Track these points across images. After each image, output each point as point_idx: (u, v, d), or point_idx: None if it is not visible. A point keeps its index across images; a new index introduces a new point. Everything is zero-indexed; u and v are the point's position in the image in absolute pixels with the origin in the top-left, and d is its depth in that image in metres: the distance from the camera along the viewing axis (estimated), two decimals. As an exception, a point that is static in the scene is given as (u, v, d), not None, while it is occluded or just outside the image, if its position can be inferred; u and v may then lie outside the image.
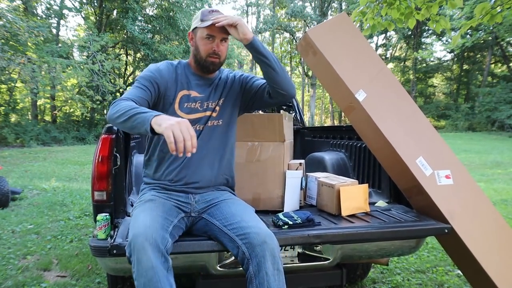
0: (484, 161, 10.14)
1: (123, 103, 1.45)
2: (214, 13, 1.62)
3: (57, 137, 16.29)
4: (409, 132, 1.94)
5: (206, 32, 1.61)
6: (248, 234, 1.44)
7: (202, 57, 1.65)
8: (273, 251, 1.41)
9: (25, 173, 7.87)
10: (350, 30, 2.06)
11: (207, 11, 1.63)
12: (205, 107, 1.71)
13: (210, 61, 1.65)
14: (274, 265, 1.39)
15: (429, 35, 27.50)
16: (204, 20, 1.60)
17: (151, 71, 1.66)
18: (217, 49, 1.63)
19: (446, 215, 1.79)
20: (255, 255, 1.40)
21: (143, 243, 1.29)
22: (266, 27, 27.18)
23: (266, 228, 1.48)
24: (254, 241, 1.41)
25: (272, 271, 1.38)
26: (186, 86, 1.70)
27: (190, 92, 1.69)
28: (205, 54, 1.64)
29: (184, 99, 1.68)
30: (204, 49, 1.64)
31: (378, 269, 2.81)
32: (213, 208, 1.65)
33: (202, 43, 1.63)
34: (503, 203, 5.06)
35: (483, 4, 3.27)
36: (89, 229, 3.79)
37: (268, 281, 1.37)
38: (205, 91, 1.73)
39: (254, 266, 1.39)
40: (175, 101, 1.66)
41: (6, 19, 10.67)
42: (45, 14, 17.12)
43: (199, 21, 1.62)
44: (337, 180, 2.01)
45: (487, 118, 21.44)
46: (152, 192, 1.67)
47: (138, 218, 1.43)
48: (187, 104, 1.68)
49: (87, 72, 14.01)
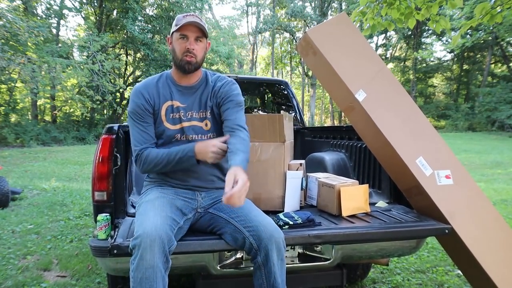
0: (484, 161, 10.13)
1: (150, 156, 1.63)
2: (188, 17, 1.65)
3: (57, 137, 16.29)
4: (409, 132, 1.94)
5: (180, 33, 1.65)
6: (256, 227, 1.52)
7: (178, 58, 1.67)
8: (279, 244, 1.53)
9: (25, 173, 7.87)
10: (350, 30, 2.06)
11: (182, 16, 1.68)
12: (189, 116, 1.72)
13: (185, 61, 1.66)
14: (279, 256, 1.53)
15: (429, 35, 27.49)
16: (178, 24, 1.64)
17: (135, 102, 1.68)
18: (190, 47, 1.65)
19: (446, 215, 1.80)
20: (263, 247, 1.50)
21: (152, 242, 1.34)
22: (266, 27, 27.15)
23: (273, 223, 1.58)
24: (263, 234, 1.50)
25: (277, 261, 1.52)
26: (169, 96, 1.72)
27: (173, 103, 1.71)
28: (180, 54, 1.66)
29: (169, 110, 1.71)
30: (179, 49, 1.67)
31: (378, 269, 2.81)
32: (220, 203, 1.69)
33: (177, 44, 1.67)
34: (503, 203, 5.06)
35: (483, 4, 3.27)
36: (89, 229, 3.79)
37: (275, 270, 1.52)
38: (187, 100, 1.73)
39: (263, 257, 1.51)
40: (161, 113, 1.70)
41: (6, 19, 10.67)
42: (45, 14, 17.12)
43: (175, 26, 1.66)
44: (338, 180, 2.01)
45: (487, 118, 21.43)
46: (159, 189, 1.70)
47: (148, 215, 1.47)
48: (172, 115, 1.71)
49: (87, 72, 14.00)
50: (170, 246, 1.40)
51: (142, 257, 1.33)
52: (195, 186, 1.72)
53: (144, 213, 1.50)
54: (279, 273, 1.53)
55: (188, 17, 1.65)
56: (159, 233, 1.36)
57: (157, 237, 1.35)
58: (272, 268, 1.51)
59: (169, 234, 1.41)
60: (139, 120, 1.67)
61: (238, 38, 26.17)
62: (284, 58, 34.05)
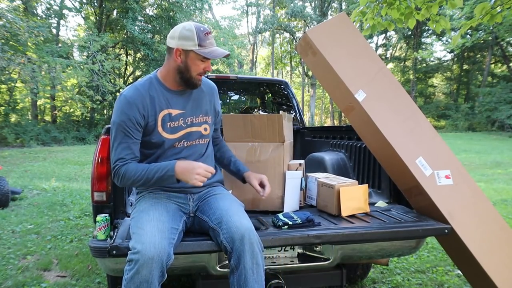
0: (484, 161, 10.13)
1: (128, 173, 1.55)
2: (209, 36, 1.57)
3: (57, 137, 16.29)
4: (409, 132, 1.93)
5: (203, 56, 1.57)
6: (229, 228, 1.48)
7: (192, 76, 1.61)
8: (252, 246, 1.46)
9: (25, 173, 7.87)
10: (349, 30, 2.06)
11: (203, 33, 1.56)
12: (189, 122, 1.69)
13: (198, 79, 1.63)
14: (253, 259, 1.45)
15: (429, 35, 27.48)
16: (203, 45, 1.55)
17: (127, 114, 1.55)
18: (209, 69, 1.63)
19: (446, 215, 1.79)
20: (235, 249, 1.46)
21: (150, 260, 1.32)
22: (266, 27, 27.14)
23: (247, 223, 1.51)
24: (234, 235, 1.46)
25: (250, 265, 1.45)
26: (165, 105, 1.63)
27: (170, 111, 1.64)
28: (196, 74, 1.61)
29: (166, 118, 1.63)
30: (195, 69, 1.60)
31: (378, 269, 2.81)
32: (203, 203, 1.68)
33: (195, 63, 1.59)
34: (503, 203, 5.06)
35: (483, 4, 3.27)
36: (89, 229, 3.79)
37: (246, 274, 1.44)
38: (185, 106, 1.68)
39: (235, 259, 1.46)
40: (157, 123, 1.61)
41: (6, 19, 10.68)
42: (45, 14, 17.15)
43: (196, 45, 1.54)
44: (337, 180, 2.01)
45: (487, 118, 21.42)
46: (151, 196, 1.66)
47: (145, 228, 1.42)
48: (169, 124, 1.64)
49: (87, 72, 14.01)
50: (167, 261, 1.38)
51: (139, 271, 1.32)
52: (187, 188, 1.67)
53: (141, 226, 1.45)
54: (251, 278, 1.44)
55: (211, 38, 1.58)
56: (158, 251, 1.34)
57: (155, 255, 1.33)
58: (243, 272, 1.44)
59: (167, 251, 1.38)
60: (126, 135, 1.56)
61: (238, 38, 26.15)
62: (284, 58, 34.04)
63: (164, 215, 1.52)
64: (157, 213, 1.52)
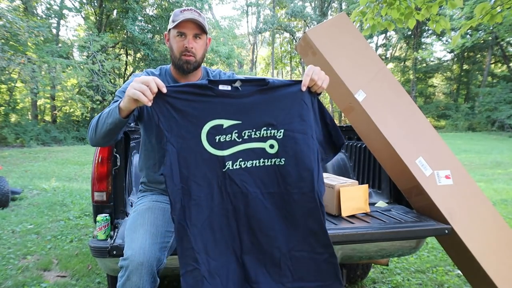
0: (484, 161, 10.13)
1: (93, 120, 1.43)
2: (185, 12, 1.55)
3: (57, 137, 16.28)
4: (409, 132, 1.94)
5: (177, 30, 1.56)
6: None
7: (176, 57, 1.59)
8: None
9: (25, 173, 7.87)
10: (349, 30, 2.06)
11: (179, 11, 1.58)
12: None
13: (184, 60, 1.57)
14: None
15: (429, 35, 27.47)
16: (175, 20, 1.55)
17: None
18: (189, 46, 1.56)
19: (446, 215, 1.80)
20: None
21: (139, 266, 1.30)
22: (266, 27, 27.18)
23: None
24: None
25: None
26: None
27: None
28: (178, 53, 1.58)
29: None
30: (176, 47, 1.58)
31: (378, 269, 2.81)
32: None
33: (175, 42, 1.58)
34: (503, 203, 5.06)
35: (483, 4, 3.27)
36: (89, 229, 3.79)
37: None
38: None
39: None
40: None
41: (6, 19, 10.67)
42: (45, 14, 17.12)
43: (171, 22, 1.57)
44: (337, 180, 2.01)
45: (487, 118, 21.42)
46: (151, 197, 1.64)
47: (137, 232, 1.41)
48: None
49: (87, 72, 14.01)
50: (159, 266, 1.35)
51: (129, 278, 1.30)
52: None
53: (134, 229, 1.43)
54: None
55: (186, 13, 1.55)
56: (147, 257, 1.32)
57: (145, 260, 1.31)
58: None
59: (158, 256, 1.35)
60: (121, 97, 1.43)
61: (238, 38, 26.17)
62: (284, 58, 34.04)
63: (159, 219, 1.49)
64: (153, 217, 1.49)
